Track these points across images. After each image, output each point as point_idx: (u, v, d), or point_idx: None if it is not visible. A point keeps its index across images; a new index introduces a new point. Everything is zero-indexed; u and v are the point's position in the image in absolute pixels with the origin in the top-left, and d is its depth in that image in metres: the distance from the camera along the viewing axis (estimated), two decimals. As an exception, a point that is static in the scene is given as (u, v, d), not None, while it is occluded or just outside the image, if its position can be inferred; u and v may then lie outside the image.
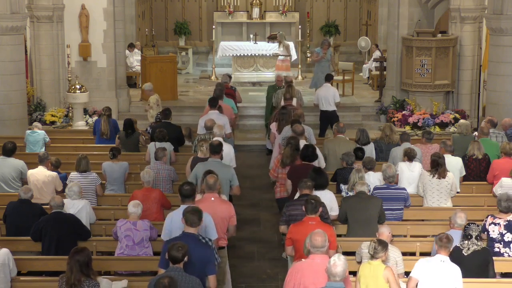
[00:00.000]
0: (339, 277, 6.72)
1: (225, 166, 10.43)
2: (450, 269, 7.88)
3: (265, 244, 11.88)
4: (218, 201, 9.03)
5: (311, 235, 7.38)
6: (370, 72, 22.82)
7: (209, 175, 9.12)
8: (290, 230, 8.55)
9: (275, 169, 11.40)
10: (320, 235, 7.33)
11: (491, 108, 15.48)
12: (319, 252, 7.28)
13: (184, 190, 8.53)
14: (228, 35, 25.94)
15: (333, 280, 6.74)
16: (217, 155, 10.47)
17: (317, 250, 7.28)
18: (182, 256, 7.18)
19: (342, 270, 6.73)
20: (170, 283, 6.69)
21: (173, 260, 7.19)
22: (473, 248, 8.39)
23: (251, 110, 19.30)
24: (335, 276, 6.72)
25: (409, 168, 11.23)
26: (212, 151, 10.51)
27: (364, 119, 19.17)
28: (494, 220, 9.28)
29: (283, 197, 11.09)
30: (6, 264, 8.23)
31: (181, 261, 7.20)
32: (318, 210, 8.40)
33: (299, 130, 12.08)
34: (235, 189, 10.38)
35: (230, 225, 9.09)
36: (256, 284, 10.49)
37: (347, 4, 28.18)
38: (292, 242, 8.40)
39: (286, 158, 11.09)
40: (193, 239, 7.65)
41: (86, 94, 17.57)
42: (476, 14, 18.14)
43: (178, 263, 7.20)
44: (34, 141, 14.01)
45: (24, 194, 9.92)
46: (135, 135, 13.84)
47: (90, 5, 18.52)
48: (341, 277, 6.73)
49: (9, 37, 15.22)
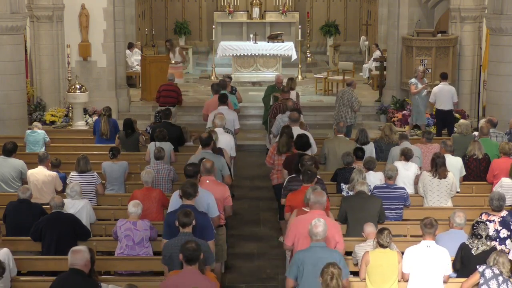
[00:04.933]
0: (320, 236, 7.50)
1: (215, 157, 10.75)
2: (436, 253, 8.02)
3: (265, 244, 11.88)
4: (213, 183, 9.59)
5: (313, 191, 8.42)
6: (370, 72, 22.82)
7: (206, 159, 9.79)
8: (288, 198, 9.47)
9: (271, 156, 11.78)
10: (319, 193, 8.37)
11: (491, 108, 15.48)
12: (318, 207, 8.22)
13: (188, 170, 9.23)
14: (228, 35, 25.94)
15: (315, 240, 7.52)
16: (208, 147, 10.87)
17: (318, 204, 8.23)
18: (191, 220, 7.80)
19: (322, 230, 7.50)
20: (197, 246, 7.14)
21: (183, 225, 7.79)
22: (483, 248, 8.41)
23: (251, 110, 19.29)
24: (317, 236, 7.50)
25: (405, 168, 11.23)
26: (202, 144, 10.93)
27: (364, 119, 19.17)
28: (488, 218, 9.33)
29: (280, 183, 11.26)
30: (6, 264, 8.22)
31: (190, 225, 7.81)
32: (313, 180, 9.34)
33: (295, 117, 12.55)
34: (226, 178, 10.75)
35: (226, 205, 9.68)
36: (256, 284, 10.49)
37: (347, 4, 28.19)
38: (290, 208, 9.12)
39: (282, 147, 11.54)
40: (192, 209, 8.15)
41: (86, 94, 17.57)
42: (476, 14, 18.15)
43: (187, 226, 7.79)
44: (34, 141, 14.00)
45: (22, 194, 9.91)
46: (135, 135, 13.83)
47: (90, 5, 18.52)
48: (322, 237, 7.52)
49: (9, 37, 15.21)
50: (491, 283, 7.84)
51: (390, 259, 8.13)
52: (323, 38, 27.98)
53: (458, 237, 8.70)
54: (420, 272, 8.01)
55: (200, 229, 8.18)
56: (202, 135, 11.10)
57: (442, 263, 8.02)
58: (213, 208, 9.02)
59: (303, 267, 7.45)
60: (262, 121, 17.10)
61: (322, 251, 7.47)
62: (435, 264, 8.00)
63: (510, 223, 9.27)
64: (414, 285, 8.06)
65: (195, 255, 7.09)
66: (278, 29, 25.26)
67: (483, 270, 7.92)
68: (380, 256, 8.12)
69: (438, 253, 8.05)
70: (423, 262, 8.01)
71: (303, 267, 7.45)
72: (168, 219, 8.45)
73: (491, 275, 7.85)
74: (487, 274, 7.87)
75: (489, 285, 7.85)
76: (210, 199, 9.01)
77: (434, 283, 8.01)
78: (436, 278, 8.02)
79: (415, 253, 8.08)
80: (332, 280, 6.71)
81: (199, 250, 7.13)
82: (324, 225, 7.53)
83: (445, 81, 16.25)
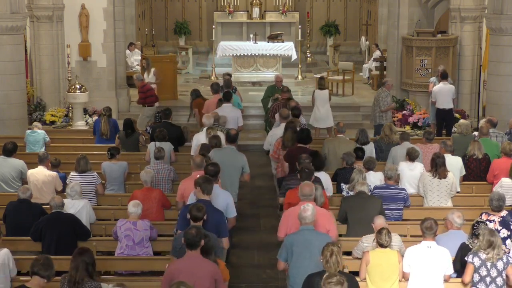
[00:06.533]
0: (309, 220, 7.88)
1: (238, 154, 11.16)
2: (437, 254, 8.03)
3: (265, 244, 11.88)
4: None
5: (301, 186, 8.68)
6: (370, 72, 22.82)
7: (196, 155, 10.17)
8: (287, 195, 9.59)
9: (276, 151, 12.15)
10: (308, 185, 8.69)
11: (491, 108, 15.48)
12: (308, 200, 8.46)
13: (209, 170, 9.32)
14: (228, 35, 25.95)
15: (304, 223, 7.91)
16: (234, 143, 11.39)
17: (305, 198, 8.52)
18: (202, 214, 7.98)
19: (311, 213, 7.88)
20: (197, 232, 7.37)
21: (194, 219, 7.96)
22: None
23: (251, 110, 19.28)
24: (305, 219, 7.88)
25: (410, 168, 11.23)
26: (229, 140, 11.40)
27: (364, 119, 19.16)
28: (488, 217, 9.34)
29: (284, 176, 11.37)
30: (6, 264, 8.22)
31: (201, 219, 7.98)
32: (311, 178, 9.52)
33: (285, 114, 13.01)
34: (245, 176, 11.05)
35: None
36: (256, 284, 10.49)
37: (347, 4, 28.20)
38: (289, 205, 9.16)
39: (287, 141, 11.90)
40: (208, 205, 8.39)
41: (86, 94, 17.57)
42: (476, 14, 18.15)
43: (198, 221, 7.96)
44: (34, 141, 14.01)
45: (22, 194, 9.91)
46: (135, 135, 13.84)
47: (90, 5, 18.52)
48: (310, 220, 7.90)
49: (9, 37, 15.22)
50: (481, 271, 7.92)
51: (390, 259, 8.14)
52: (323, 38, 27.99)
53: (458, 238, 8.68)
54: (421, 272, 8.02)
55: (216, 225, 8.43)
56: (230, 131, 11.62)
57: (443, 263, 8.03)
58: (231, 209, 9.23)
59: (292, 249, 7.83)
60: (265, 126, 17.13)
61: (310, 233, 7.84)
62: (436, 265, 8.01)
63: (510, 223, 9.27)
64: (414, 285, 8.07)
65: (195, 241, 7.32)
66: (278, 29, 25.27)
67: (472, 259, 7.98)
68: (380, 256, 8.13)
69: (439, 253, 8.05)
70: (423, 263, 8.02)
71: (291, 249, 7.83)
72: (184, 212, 8.69)
73: (479, 263, 7.92)
74: (476, 263, 7.94)
75: (480, 273, 7.93)
76: (229, 199, 9.24)
77: (434, 283, 8.02)
78: (436, 278, 8.03)
79: (416, 253, 8.09)
80: (332, 256, 7.05)
81: (200, 236, 7.35)
82: (313, 210, 7.92)
83: (445, 80, 16.25)
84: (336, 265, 7.04)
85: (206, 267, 7.33)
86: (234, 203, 9.37)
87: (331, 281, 6.36)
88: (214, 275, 7.33)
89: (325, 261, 7.06)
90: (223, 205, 9.03)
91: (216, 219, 8.46)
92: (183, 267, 7.33)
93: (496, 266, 7.89)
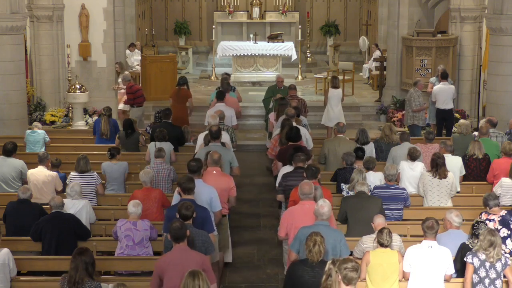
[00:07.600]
0: (325, 216, 8.02)
1: (224, 149, 11.11)
2: (438, 253, 8.03)
3: (265, 244, 11.88)
4: (219, 174, 9.94)
5: (300, 184, 8.74)
6: (370, 72, 22.83)
7: (213, 151, 10.09)
8: (292, 193, 9.53)
9: (273, 148, 12.23)
10: (308, 184, 8.74)
11: (491, 108, 15.49)
12: (307, 199, 8.60)
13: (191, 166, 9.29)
14: (228, 35, 25.95)
15: (320, 219, 8.03)
16: (217, 140, 11.25)
17: (305, 196, 8.62)
18: (191, 213, 8.05)
19: (328, 210, 8.02)
20: (181, 224, 7.55)
21: (184, 217, 8.01)
22: None
23: (251, 110, 19.29)
24: (322, 216, 8.02)
25: (411, 167, 11.23)
26: (212, 137, 11.26)
27: (364, 119, 19.18)
28: (488, 217, 9.34)
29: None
30: (6, 264, 8.23)
31: (190, 218, 8.05)
32: (317, 176, 9.57)
33: (291, 113, 12.97)
34: (235, 169, 11.09)
35: (230, 196, 9.99)
36: (256, 284, 10.49)
37: (347, 4, 28.20)
38: (294, 203, 9.16)
39: (284, 139, 11.91)
40: (192, 203, 8.34)
41: (86, 94, 17.58)
42: (476, 14, 18.16)
43: (188, 219, 8.01)
44: (34, 141, 14.01)
45: (22, 194, 9.91)
46: (135, 135, 13.84)
47: (90, 5, 18.53)
48: (327, 217, 8.04)
49: (9, 37, 15.22)
50: (480, 272, 7.91)
51: (390, 259, 8.14)
52: (323, 38, 27.99)
53: (458, 237, 8.68)
54: (421, 272, 8.01)
55: (201, 222, 8.48)
56: (212, 128, 11.40)
57: (444, 263, 8.03)
58: (215, 203, 9.22)
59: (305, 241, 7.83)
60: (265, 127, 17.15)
61: (325, 228, 7.89)
62: (437, 264, 8.00)
63: (510, 222, 9.27)
64: (415, 285, 8.07)
65: (180, 233, 7.48)
66: (278, 29, 25.28)
67: (471, 259, 7.97)
68: (380, 256, 8.13)
69: (439, 253, 8.04)
70: (424, 262, 8.01)
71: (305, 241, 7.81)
72: (168, 213, 8.74)
73: (478, 263, 7.92)
74: (475, 263, 7.93)
75: (479, 274, 7.91)
76: (213, 194, 9.22)
77: (434, 283, 8.01)
78: (437, 278, 8.02)
79: (416, 253, 8.08)
80: (315, 246, 7.22)
81: (185, 228, 7.52)
82: (329, 206, 8.06)
83: (445, 80, 16.25)
84: (318, 254, 7.23)
85: (194, 258, 7.47)
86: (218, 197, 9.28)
87: (347, 266, 6.44)
88: (202, 265, 7.42)
89: (308, 251, 7.23)
90: (207, 200, 9.07)
91: (200, 216, 8.50)
92: (171, 259, 7.48)
93: (495, 267, 7.89)
